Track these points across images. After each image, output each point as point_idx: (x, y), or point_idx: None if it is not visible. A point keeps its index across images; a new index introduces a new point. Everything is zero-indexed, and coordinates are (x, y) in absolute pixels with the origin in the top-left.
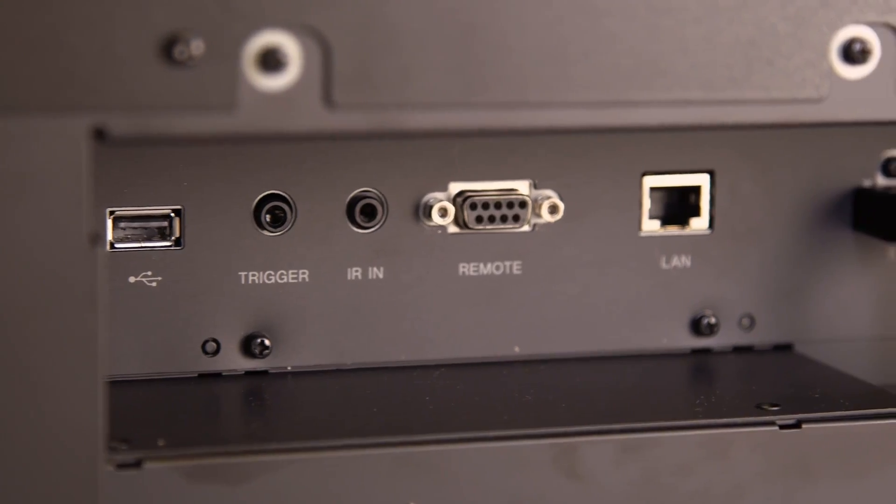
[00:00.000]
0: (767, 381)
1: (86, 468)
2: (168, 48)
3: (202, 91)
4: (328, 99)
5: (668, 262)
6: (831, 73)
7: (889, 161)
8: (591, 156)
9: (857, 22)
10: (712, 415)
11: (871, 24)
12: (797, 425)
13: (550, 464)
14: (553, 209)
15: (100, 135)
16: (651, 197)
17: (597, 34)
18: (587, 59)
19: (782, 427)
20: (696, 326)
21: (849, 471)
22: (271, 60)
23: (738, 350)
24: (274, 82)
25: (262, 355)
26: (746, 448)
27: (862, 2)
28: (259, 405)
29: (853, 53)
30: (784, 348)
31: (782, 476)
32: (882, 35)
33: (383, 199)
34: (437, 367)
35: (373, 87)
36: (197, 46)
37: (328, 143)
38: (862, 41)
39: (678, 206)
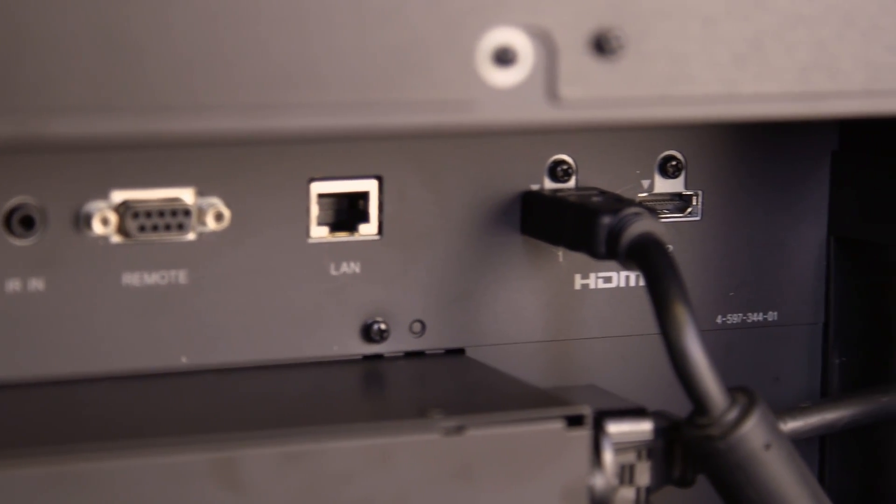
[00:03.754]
0: (436, 387)
1: None
2: None
3: None
4: None
5: (337, 268)
6: (481, 77)
7: (556, 165)
8: (257, 162)
9: (508, 25)
10: (376, 422)
11: (524, 30)
12: (460, 430)
13: (208, 475)
14: (218, 217)
15: None
16: (319, 203)
17: (244, 38)
18: (235, 63)
19: (446, 432)
20: (367, 332)
21: (511, 474)
22: None
23: (410, 355)
24: None
25: None
26: (409, 454)
27: (511, 6)
28: None
29: (503, 57)
30: (455, 353)
31: (446, 482)
32: (534, 40)
33: (42, 208)
34: (101, 380)
35: (12, 93)
36: None
37: None
38: (511, 46)
39: (347, 212)
